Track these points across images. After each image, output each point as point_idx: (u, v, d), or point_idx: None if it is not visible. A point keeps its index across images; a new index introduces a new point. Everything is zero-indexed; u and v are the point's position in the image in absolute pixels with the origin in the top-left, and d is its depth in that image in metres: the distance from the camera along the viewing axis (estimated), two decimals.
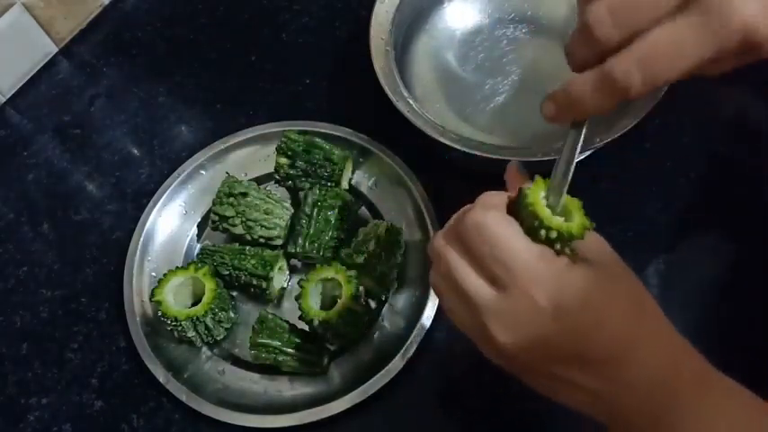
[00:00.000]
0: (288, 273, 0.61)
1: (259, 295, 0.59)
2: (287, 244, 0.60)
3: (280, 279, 0.60)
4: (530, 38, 0.68)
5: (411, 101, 0.59)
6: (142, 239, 0.61)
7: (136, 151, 0.70)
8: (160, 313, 0.55)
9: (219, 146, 0.65)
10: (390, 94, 0.59)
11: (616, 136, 0.55)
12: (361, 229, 0.59)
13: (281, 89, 0.72)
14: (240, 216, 0.59)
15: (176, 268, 0.57)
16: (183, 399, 0.54)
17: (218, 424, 0.53)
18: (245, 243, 0.60)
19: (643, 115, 0.55)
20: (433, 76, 0.67)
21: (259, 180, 0.64)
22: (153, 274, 0.60)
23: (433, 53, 0.68)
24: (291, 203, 0.63)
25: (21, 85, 0.74)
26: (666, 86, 0.55)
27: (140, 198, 0.65)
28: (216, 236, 0.62)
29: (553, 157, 0.53)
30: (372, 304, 0.59)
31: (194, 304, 0.56)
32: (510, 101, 0.65)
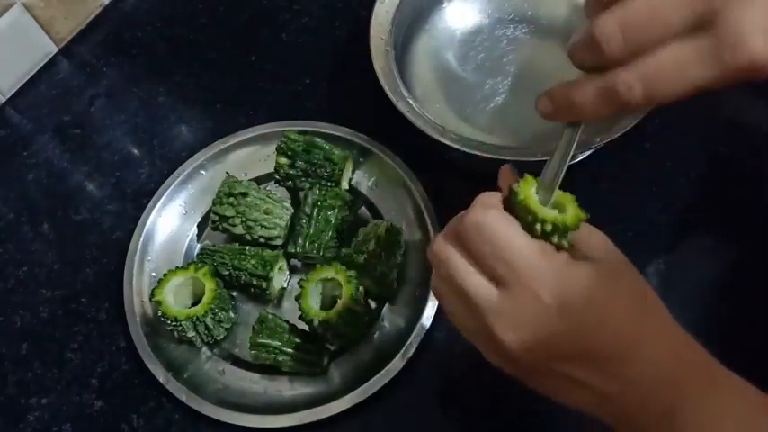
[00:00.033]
0: (288, 273, 0.61)
1: (259, 295, 0.59)
2: (287, 244, 0.60)
3: (280, 279, 0.60)
4: (530, 38, 0.68)
5: (411, 101, 0.59)
6: (142, 239, 0.61)
7: (136, 151, 0.70)
8: (160, 313, 0.55)
9: (219, 146, 0.65)
10: (390, 94, 0.59)
11: (616, 136, 0.55)
12: (361, 229, 0.59)
13: (281, 89, 0.72)
14: (240, 216, 0.59)
15: (176, 268, 0.57)
16: (183, 399, 0.54)
17: (218, 424, 0.53)
18: (245, 243, 0.60)
19: (643, 115, 0.55)
20: (433, 76, 0.67)
21: (259, 180, 0.64)
22: (153, 274, 0.60)
23: (433, 53, 0.68)
24: (291, 203, 0.63)
25: (21, 85, 0.74)
26: None
27: (140, 198, 0.65)
28: (216, 236, 0.62)
29: None
30: (372, 304, 0.59)
31: (194, 304, 0.56)
32: (510, 101, 0.65)
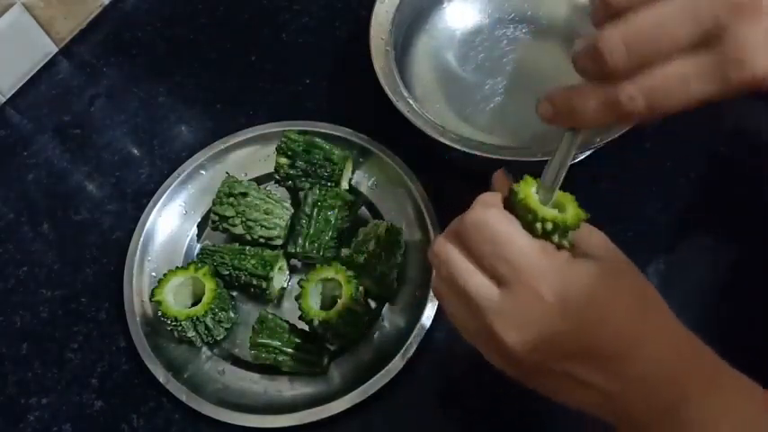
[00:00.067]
0: (288, 273, 0.61)
1: (259, 295, 0.59)
2: (287, 244, 0.60)
3: (280, 279, 0.60)
4: (530, 38, 0.68)
5: (411, 101, 0.59)
6: (142, 239, 0.61)
7: (136, 151, 0.70)
8: (160, 313, 0.55)
9: (219, 146, 0.65)
10: (390, 94, 0.59)
11: (616, 136, 0.55)
12: (361, 229, 0.59)
13: (281, 89, 0.72)
14: (240, 216, 0.59)
15: (176, 268, 0.57)
16: (183, 399, 0.54)
17: (218, 424, 0.53)
18: (245, 243, 0.60)
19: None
20: (433, 76, 0.67)
21: (259, 180, 0.64)
22: (153, 274, 0.60)
23: (433, 53, 0.68)
24: (291, 203, 0.63)
25: (21, 85, 0.74)
26: None
27: (140, 198, 0.65)
28: (216, 236, 0.62)
29: None
30: (372, 304, 0.59)
31: (194, 304, 0.56)
32: (510, 101, 0.65)
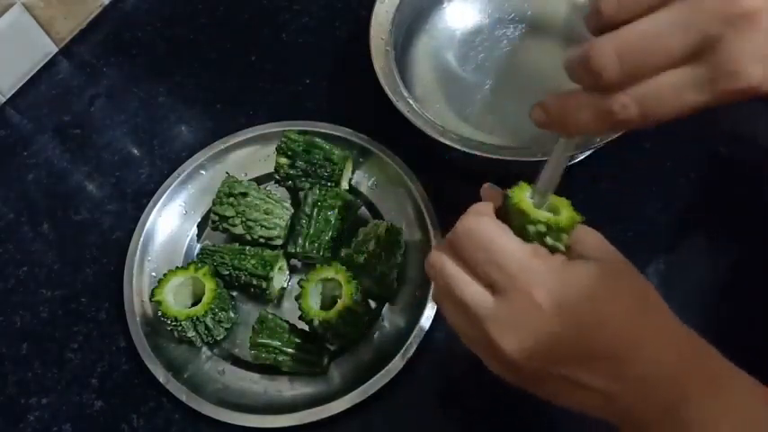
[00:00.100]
0: (288, 273, 0.61)
1: (259, 295, 0.59)
2: (287, 244, 0.60)
3: (280, 279, 0.60)
4: (530, 38, 0.68)
5: (411, 101, 0.59)
6: (142, 239, 0.61)
7: (136, 151, 0.70)
8: (160, 313, 0.55)
9: (219, 146, 0.65)
10: (390, 94, 0.59)
11: (616, 136, 0.55)
12: (361, 229, 0.59)
13: (281, 89, 0.72)
14: (240, 216, 0.59)
15: (176, 268, 0.57)
16: (183, 399, 0.54)
17: (218, 424, 0.53)
18: (245, 243, 0.60)
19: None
20: (433, 76, 0.67)
21: (259, 180, 0.64)
22: (153, 274, 0.60)
23: (433, 53, 0.68)
24: (291, 203, 0.63)
25: (21, 85, 0.74)
26: None
27: (140, 198, 0.65)
28: (216, 236, 0.62)
29: None
30: (372, 304, 0.59)
31: (194, 304, 0.56)
32: (510, 101, 0.65)
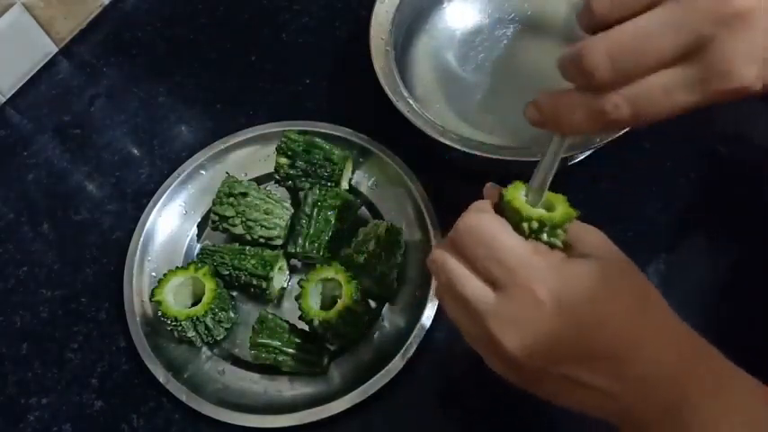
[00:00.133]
0: (288, 273, 0.61)
1: (259, 295, 0.59)
2: (287, 244, 0.60)
3: (280, 279, 0.60)
4: (530, 38, 0.68)
5: (411, 101, 0.59)
6: (142, 239, 0.61)
7: (136, 151, 0.70)
8: (160, 313, 0.55)
9: (219, 146, 0.65)
10: (390, 94, 0.59)
11: (615, 136, 0.55)
12: (361, 229, 0.59)
13: (281, 89, 0.72)
14: (240, 216, 0.59)
15: (176, 268, 0.57)
16: (183, 399, 0.54)
17: (218, 424, 0.53)
18: (245, 243, 0.60)
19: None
20: (433, 76, 0.67)
21: (259, 180, 0.64)
22: (153, 274, 0.60)
23: (433, 53, 0.68)
24: (291, 203, 0.63)
25: (21, 85, 0.74)
26: None
27: (140, 198, 0.65)
28: (216, 236, 0.62)
29: None
30: (372, 304, 0.59)
31: (194, 304, 0.56)
32: (510, 101, 0.65)
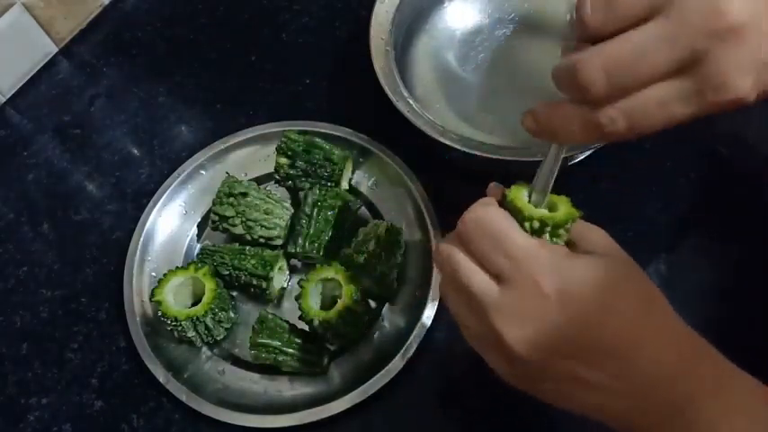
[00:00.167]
0: (288, 273, 0.61)
1: (259, 295, 0.59)
2: (287, 244, 0.60)
3: (280, 279, 0.60)
4: (530, 38, 0.68)
5: (411, 101, 0.59)
6: (142, 239, 0.61)
7: (136, 151, 0.70)
8: (160, 313, 0.55)
9: (219, 146, 0.65)
10: (390, 94, 0.59)
11: None
12: (361, 229, 0.59)
13: (281, 89, 0.72)
14: (240, 216, 0.59)
15: (176, 268, 0.57)
16: (183, 399, 0.54)
17: (218, 424, 0.53)
18: (245, 243, 0.60)
19: None
20: (433, 76, 0.67)
21: (259, 180, 0.64)
22: (153, 274, 0.60)
23: (433, 53, 0.68)
24: (291, 203, 0.63)
25: (21, 85, 0.74)
26: None
27: (140, 198, 0.65)
28: (216, 236, 0.62)
29: None
30: (372, 304, 0.59)
31: (194, 304, 0.56)
32: (510, 101, 0.65)
